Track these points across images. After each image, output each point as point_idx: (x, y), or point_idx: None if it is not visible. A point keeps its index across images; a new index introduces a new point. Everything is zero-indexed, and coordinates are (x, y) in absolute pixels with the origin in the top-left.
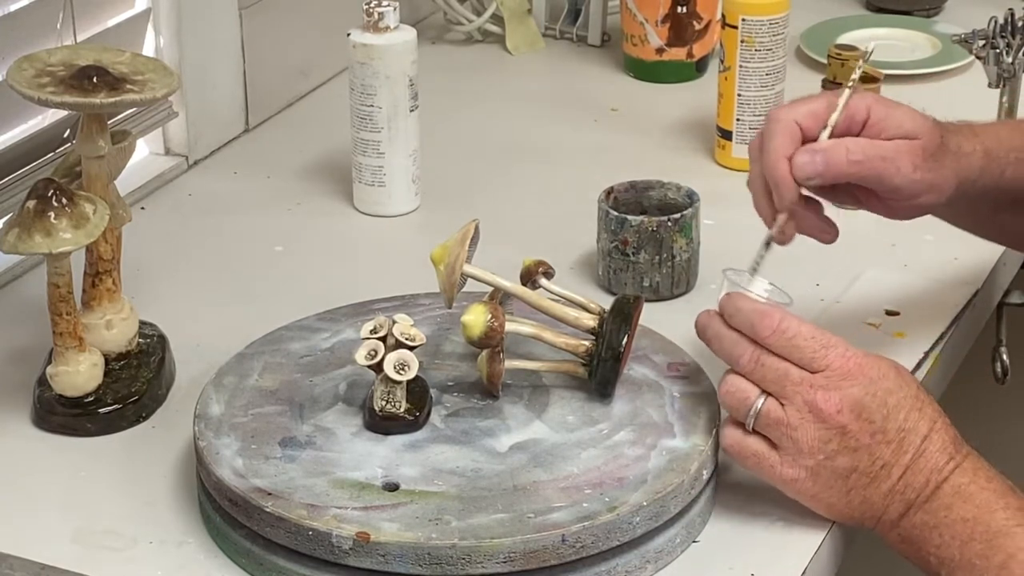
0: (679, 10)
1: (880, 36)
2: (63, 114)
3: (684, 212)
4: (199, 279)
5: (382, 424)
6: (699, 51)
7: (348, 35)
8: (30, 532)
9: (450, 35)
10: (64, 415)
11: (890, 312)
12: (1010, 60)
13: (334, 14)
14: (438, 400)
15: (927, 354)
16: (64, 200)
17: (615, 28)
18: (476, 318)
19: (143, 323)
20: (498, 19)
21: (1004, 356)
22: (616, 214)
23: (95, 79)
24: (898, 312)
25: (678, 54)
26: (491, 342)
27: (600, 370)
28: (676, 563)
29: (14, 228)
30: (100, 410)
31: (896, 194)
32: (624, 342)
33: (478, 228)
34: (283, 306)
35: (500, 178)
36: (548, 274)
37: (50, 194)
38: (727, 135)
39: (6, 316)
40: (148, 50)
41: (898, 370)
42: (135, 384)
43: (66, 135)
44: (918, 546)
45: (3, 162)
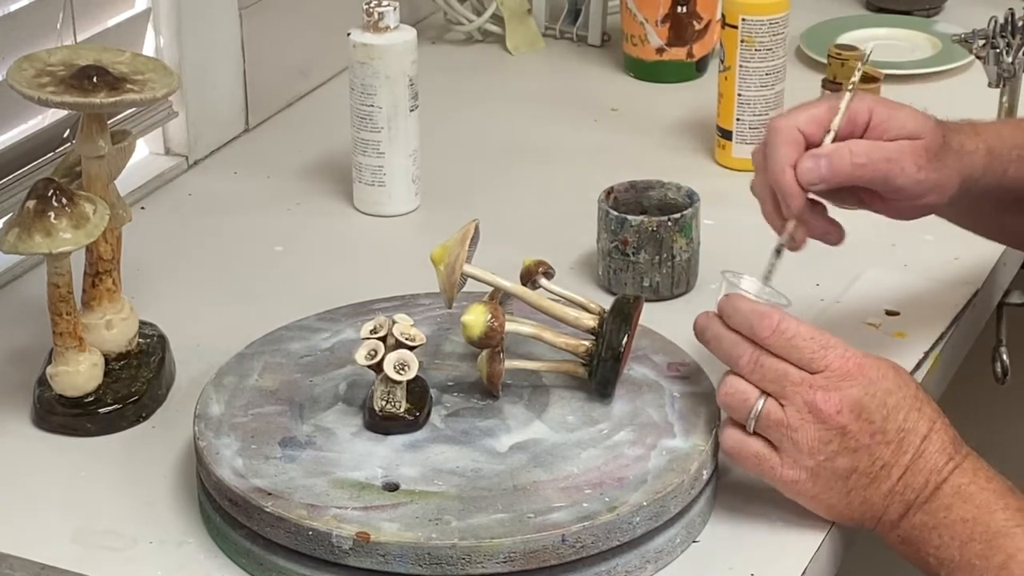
0: (679, 10)
1: (880, 36)
2: (63, 114)
3: (684, 212)
4: (199, 279)
5: (382, 424)
6: (699, 51)
7: (348, 35)
8: (30, 532)
9: (450, 35)
10: (64, 415)
11: (890, 312)
12: (1010, 60)
13: (334, 14)
14: (438, 400)
15: (927, 354)
16: (64, 200)
17: (615, 28)
18: (476, 318)
19: (143, 323)
20: (498, 19)
21: (1004, 356)
22: (616, 214)
23: (95, 79)
24: (898, 312)
25: (678, 54)
26: (491, 342)
27: (600, 370)
28: (676, 563)
29: (14, 228)
30: (100, 410)
31: (901, 194)
32: (624, 342)
33: (478, 228)
34: (283, 306)
35: (500, 178)
36: (548, 274)
37: (50, 194)
38: (727, 135)
39: (6, 316)
40: (148, 50)
41: (897, 371)
42: (135, 384)
43: (66, 135)
44: (918, 547)
45: (3, 162)
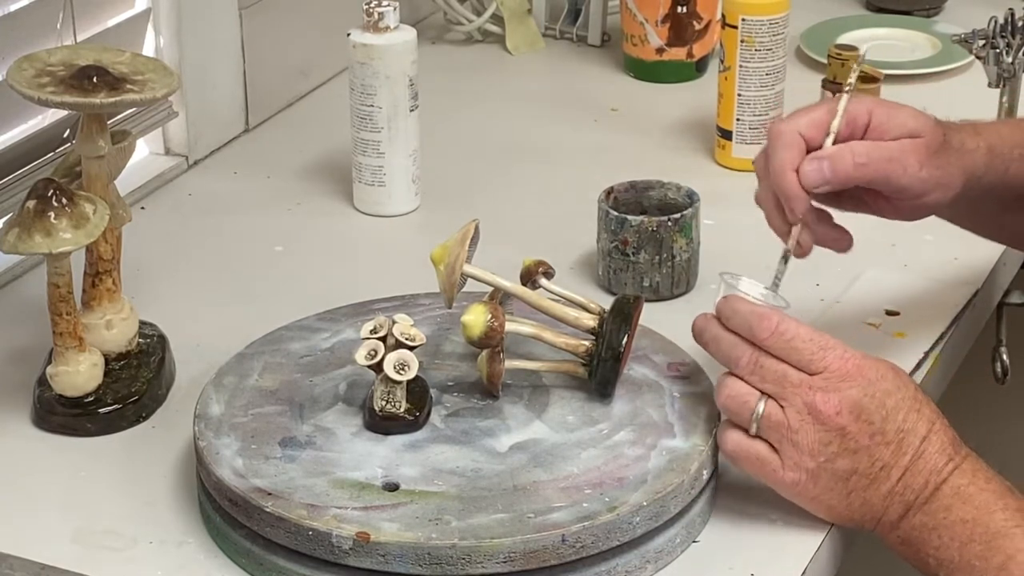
0: (679, 10)
1: (880, 36)
2: (63, 114)
3: (684, 212)
4: (199, 279)
5: (382, 424)
6: (699, 51)
7: (348, 35)
8: (30, 532)
9: (450, 35)
10: (64, 415)
11: (890, 312)
12: (1010, 60)
13: (334, 14)
14: (438, 400)
15: (927, 354)
16: (64, 200)
17: (615, 28)
18: (476, 318)
19: (143, 323)
20: (498, 19)
21: (1004, 356)
22: (616, 214)
23: (95, 79)
24: (898, 312)
25: (678, 54)
26: (491, 342)
27: (600, 370)
28: (676, 563)
29: (14, 228)
30: (100, 410)
31: (904, 193)
32: (624, 342)
33: (478, 228)
34: (283, 306)
35: (500, 178)
36: (548, 274)
37: (50, 194)
38: (727, 135)
39: (6, 316)
40: (148, 50)
41: (896, 371)
42: (135, 384)
43: (66, 135)
44: (917, 547)
45: (3, 162)
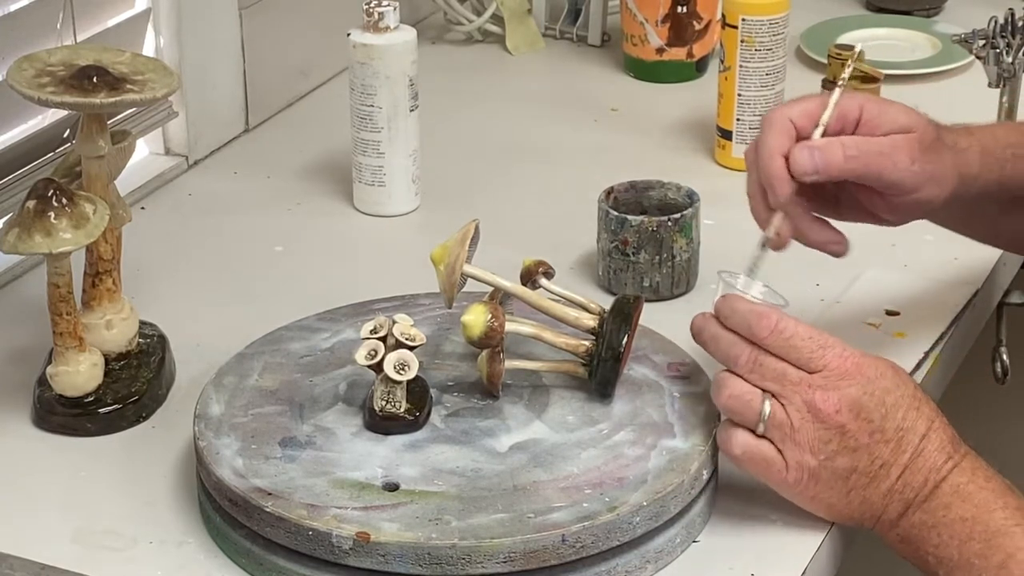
0: (679, 10)
1: (880, 36)
2: (63, 114)
3: (684, 212)
4: (199, 279)
5: (382, 424)
6: (699, 51)
7: (348, 35)
8: (30, 532)
9: (450, 35)
10: (64, 415)
11: (890, 312)
12: (1010, 60)
13: (334, 14)
14: (438, 400)
15: (927, 354)
16: (64, 200)
17: (615, 28)
18: (476, 318)
19: (143, 323)
20: (498, 19)
21: (1004, 356)
22: (616, 214)
23: (95, 79)
24: (898, 312)
25: (678, 54)
26: (491, 342)
27: (600, 370)
28: (676, 563)
29: (14, 228)
30: (100, 410)
31: (896, 189)
32: (624, 342)
33: (478, 228)
34: (283, 306)
35: (500, 178)
36: (548, 274)
37: (50, 194)
38: (727, 135)
39: (6, 316)
40: (148, 50)
41: (895, 369)
42: (135, 384)
43: (66, 135)
44: (917, 546)
45: (3, 162)
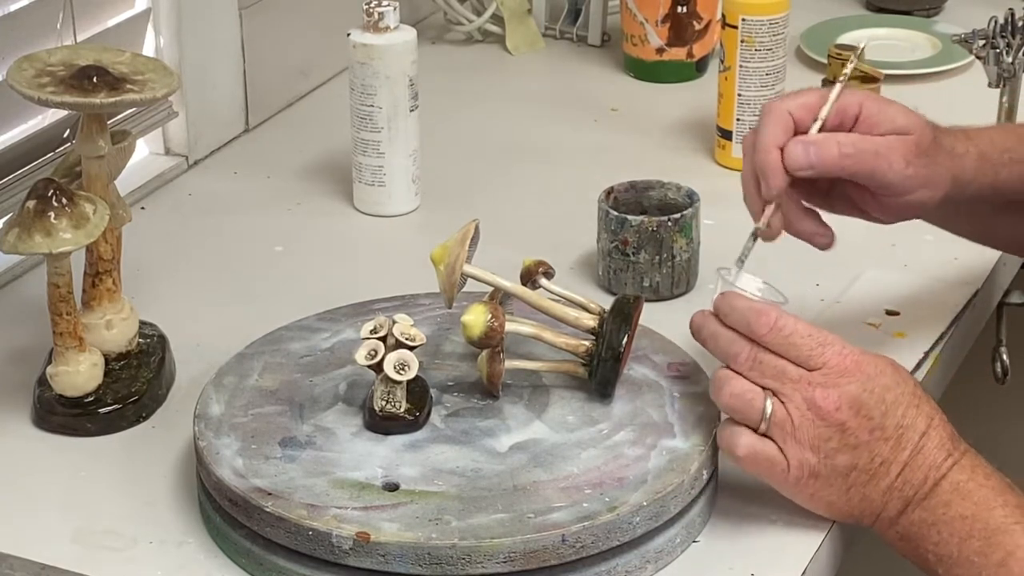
0: (679, 10)
1: (880, 36)
2: (63, 114)
3: (684, 212)
4: (199, 279)
5: (382, 424)
6: (699, 51)
7: (348, 35)
8: (30, 532)
9: (450, 35)
10: (64, 415)
11: (890, 312)
12: (1010, 60)
13: (334, 14)
14: (438, 400)
15: (927, 354)
16: (64, 200)
17: (615, 28)
18: (476, 318)
19: (143, 323)
20: (498, 19)
21: (1004, 356)
22: (616, 214)
23: (95, 79)
24: (898, 312)
25: (678, 54)
26: (491, 342)
27: (600, 370)
28: (676, 563)
29: (14, 228)
30: (100, 410)
31: (889, 190)
32: (624, 342)
33: (478, 228)
34: (283, 306)
35: (500, 178)
36: (548, 274)
37: (50, 194)
38: (727, 135)
39: (6, 316)
40: (148, 50)
41: (895, 367)
42: (135, 384)
43: (66, 135)
44: (916, 543)
45: (3, 162)
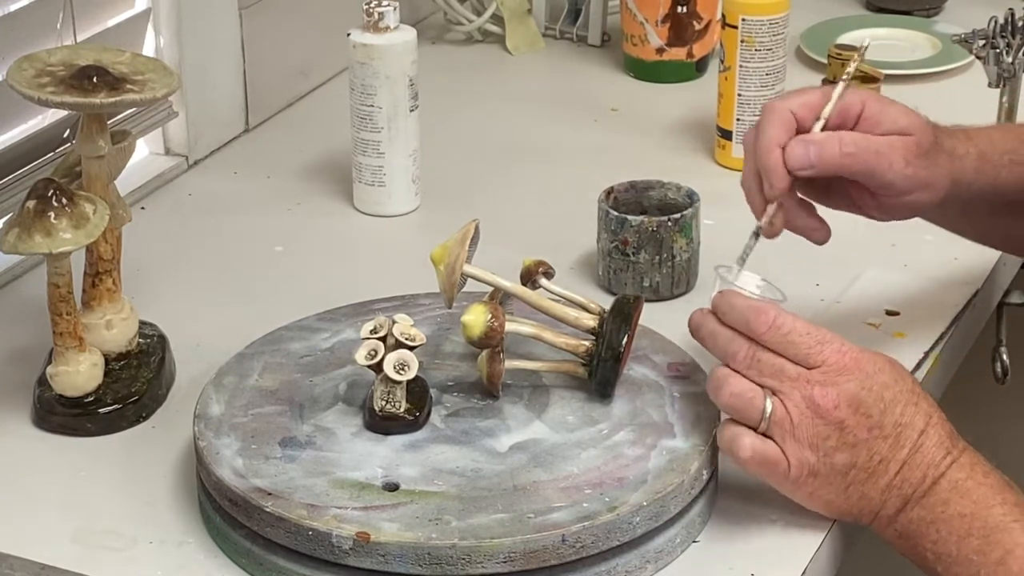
0: (679, 10)
1: (880, 36)
2: (63, 114)
3: (684, 212)
4: (199, 279)
5: (382, 424)
6: (699, 51)
7: (348, 35)
8: (30, 532)
9: (450, 35)
10: (64, 415)
11: (890, 312)
12: (1010, 60)
13: (334, 14)
14: (438, 400)
15: (927, 354)
16: (64, 200)
17: (615, 28)
18: (476, 318)
19: (143, 323)
20: (498, 19)
21: (1004, 356)
22: (616, 214)
23: (95, 79)
24: (898, 312)
25: (678, 54)
26: (491, 342)
27: (600, 370)
28: (676, 563)
29: (14, 228)
30: (100, 410)
31: (888, 190)
32: (624, 342)
33: (478, 228)
34: (283, 306)
35: (500, 178)
36: (548, 274)
37: (50, 194)
38: (727, 135)
39: (6, 316)
40: (148, 50)
41: (893, 365)
42: (135, 384)
43: (66, 135)
44: (915, 542)
45: (3, 162)
